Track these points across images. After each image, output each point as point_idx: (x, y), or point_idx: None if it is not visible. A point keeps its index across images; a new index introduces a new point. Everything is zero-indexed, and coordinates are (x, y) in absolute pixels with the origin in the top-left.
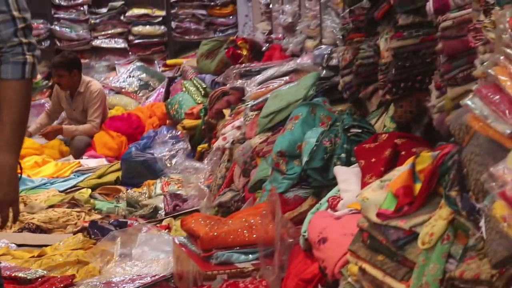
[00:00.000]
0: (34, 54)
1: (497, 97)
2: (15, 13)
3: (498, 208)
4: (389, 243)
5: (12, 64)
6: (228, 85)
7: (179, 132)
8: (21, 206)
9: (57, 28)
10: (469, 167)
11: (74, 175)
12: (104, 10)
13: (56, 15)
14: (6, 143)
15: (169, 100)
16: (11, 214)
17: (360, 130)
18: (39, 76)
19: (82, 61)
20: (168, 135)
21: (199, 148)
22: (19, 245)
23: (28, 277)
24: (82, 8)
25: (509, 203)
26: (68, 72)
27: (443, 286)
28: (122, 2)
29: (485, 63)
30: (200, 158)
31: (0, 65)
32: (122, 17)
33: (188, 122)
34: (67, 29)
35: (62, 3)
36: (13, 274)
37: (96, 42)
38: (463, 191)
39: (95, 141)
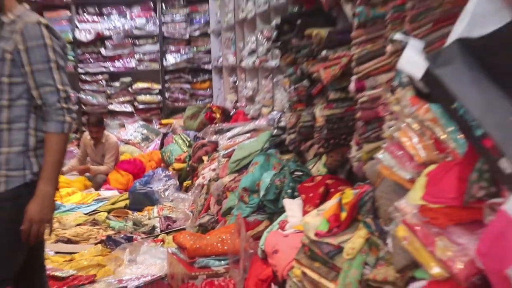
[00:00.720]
0: (71, 116)
1: (400, 152)
2: (59, 86)
3: (401, 231)
4: (323, 254)
5: (55, 122)
6: (206, 139)
7: (170, 172)
8: (57, 224)
9: (83, 96)
10: (380, 202)
11: (95, 202)
12: (117, 84)
13: (82, 87)
14: (47, 178)
15: (163, 149)
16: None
17: (301, 173)
18: None
19: None
20: (163, 174)
21: (185, 184)
22: (56, 252)
23: (62, 276)
24: (101, 82)
25: (408, 228)
26: (102, 128)
27: (361, 286)
28: (130, 79)
29: (391, 128)
30: (186, 191)
31: (47, 122)
32: (130, 89)
33: (177, 165)
34: (90, 97)
35: (87, 79)
36: (51, 273)
37: (111, 107)
38: (375, 218)
39: (110, 178)
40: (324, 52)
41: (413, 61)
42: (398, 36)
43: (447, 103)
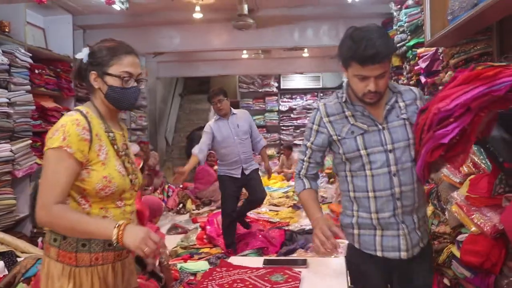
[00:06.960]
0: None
1: (452, 168)
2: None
3: (454, 207)
4: None
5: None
6: None
7: (324, 174)
8: (269, 197)
9: (282, 136)
10: (442, 192)
11: (287, 187)
12: (298, 131)
13: (282, 132)
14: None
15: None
16: None
17: None
18: None
19: None
20: (321, 175)
21: (331, 180)
22: (269, 210)
23: (274, 221)
24: (291, 130)
25: (458, 206)
26: (291, 151)
27: (430, 236)
28: (303, 129)
29: None
30: (331, 183)
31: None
32: (303, 133)
33: (327, 171)
34: (285, 136)
35: (284, 128)
36: (268, 220)
37: (295, 142)
38: (438, 201)
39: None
40: None
41: None
42: None
43: (483, 144)
